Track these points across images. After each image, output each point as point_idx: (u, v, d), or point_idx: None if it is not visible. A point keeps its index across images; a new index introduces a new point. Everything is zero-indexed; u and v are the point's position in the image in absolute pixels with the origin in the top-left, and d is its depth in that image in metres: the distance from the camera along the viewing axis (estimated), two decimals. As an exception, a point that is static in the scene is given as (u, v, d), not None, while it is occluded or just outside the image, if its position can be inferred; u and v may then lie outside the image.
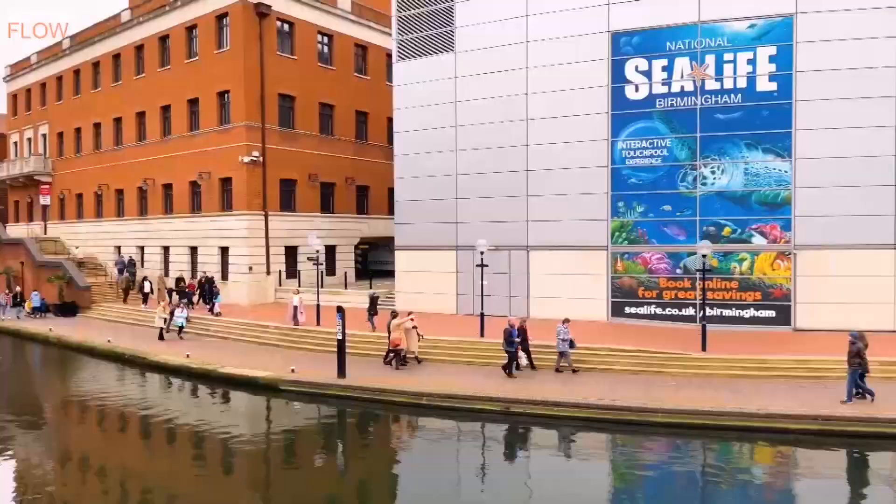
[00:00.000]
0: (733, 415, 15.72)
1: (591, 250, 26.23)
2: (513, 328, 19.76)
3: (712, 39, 24.35)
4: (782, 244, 24.04)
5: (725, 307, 24.49)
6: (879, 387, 16.88)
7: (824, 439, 14.91)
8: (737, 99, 24.22)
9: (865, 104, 23.15)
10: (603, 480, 13.92)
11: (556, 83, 26.50)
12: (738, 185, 24.45)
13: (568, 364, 20.05)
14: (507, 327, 19.77)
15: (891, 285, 23.18)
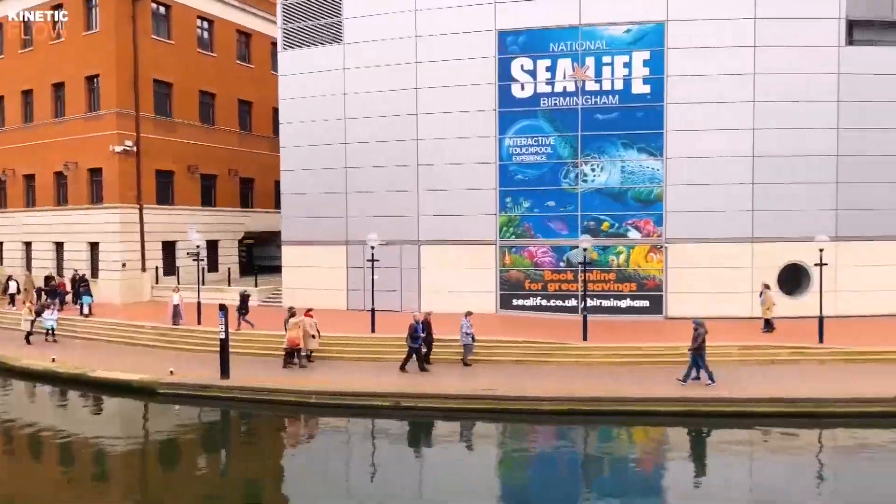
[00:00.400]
0: (612, 400, 16.59)
1: (481, 244, 26.75)
2: (418, 323, 19.68)
3: (592, 42, 25.46)
4: (655, 238, 25.61)
5: (605, 298, 25.77)
6: (742, 369, 18.43)
7: (691, 420, 16.06)
8: (614, 100, 25.50)
9: (727, 108, 25.10)
10: (490, 469, 14.25)
11: (445, 79, 26.72)
12: (615, 183, 25.76)
13: (463, 358, 20.30)
14: (412, 322, 19.67)
15: (748, 276, 25.30)
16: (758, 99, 25.07)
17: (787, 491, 12.52)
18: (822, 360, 19.83)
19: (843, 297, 24.94)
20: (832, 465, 14.20)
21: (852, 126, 25.32)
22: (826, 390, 16.57)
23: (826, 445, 15.28)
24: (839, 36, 25.18)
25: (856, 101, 25.28)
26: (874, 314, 25.09)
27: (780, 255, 25.36)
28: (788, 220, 25.12)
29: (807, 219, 24.80)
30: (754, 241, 25.33)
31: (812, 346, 20.38)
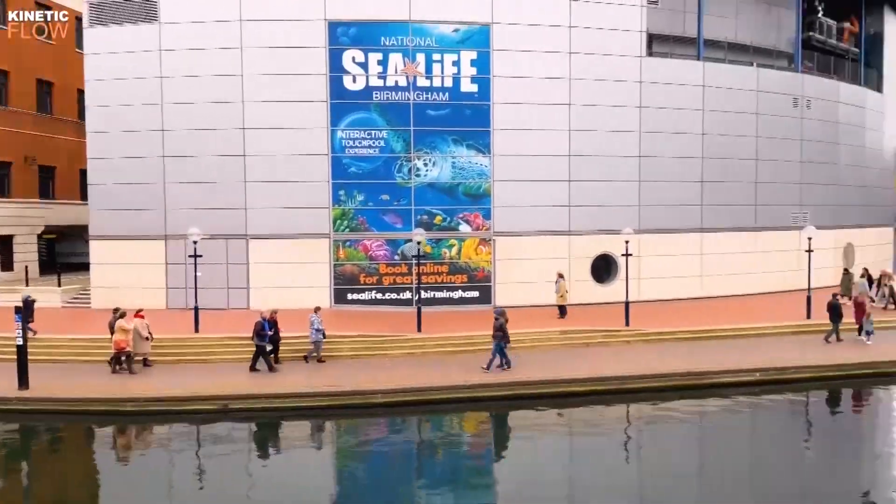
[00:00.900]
0: (443, 388, 17.10)
1: (314, 238, 26.21)
2: (264, 320, 18.87)
3: (422, 39, 25.90)
4: (484, 231, 26.73)
5: (438, 290, 26.46)
6: (562, 352, 19.82)
7: (517, 402, 17.01)
8: (445, 97, 26.18)
9: (547, 109, 26.82)
10: (324, 466, 14.06)
11: (274, 66, 25.74)
12: (447, 178, 26.49)
13: (317, 355, 19.78)
14: (259, 320, 18.81)
15: (566, 266, 27.24)
16: (573, 102, 27.05)
17: (601, 459, 13.69)
18: (629, 341, 21.92)
19: (645, 283, 27.73)
20: (637, 436, 15.75)
21: (651, 130, 28.21)
22: (630, 368, 18.32)
23: (632, 416, 16.89)
24: (641, 47, 27.90)
25: (654, 107, 28.19)
26: (671, 298, 28.21)
27: (592, 247, 27.62)
28: (600, 214, 27.42)
29: (615, 213, 27.21)
30: (571, 234, 27.33)
31: (620, 328, 22.45)
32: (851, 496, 12.00)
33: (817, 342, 21.51)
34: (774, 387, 18.02)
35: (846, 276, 27.11)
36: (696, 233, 29.28)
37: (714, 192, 29.57)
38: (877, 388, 18.59)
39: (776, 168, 31.18)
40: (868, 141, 36.38)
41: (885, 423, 17.02)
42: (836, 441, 15.26)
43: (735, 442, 15.30)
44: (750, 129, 30.31)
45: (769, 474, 13.04)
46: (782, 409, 17.34)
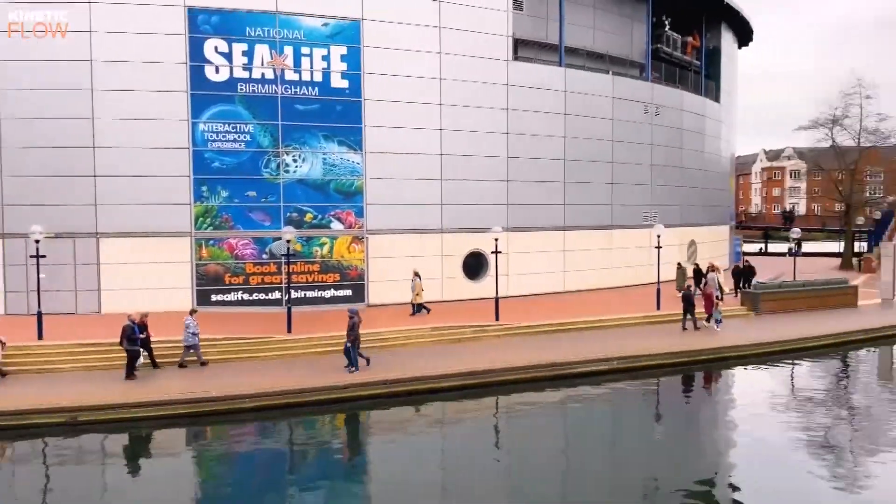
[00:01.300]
0: (314, 390, 16.77)
1: (173, 236, 24.76)
2: (134, 324, 17.52)
3: (290, 31, 25.21)
4: (356, 229, 26.50)
5: (309, 289, 25.90)
6: (434, 349, 20.06)
7: (390, 401, 17.04)
8: (314, 92, 25.64)
9: (418, 108, 27.05)
10: (179, 479, 13.32)
11: (128, 53, 23.97)
12: (318, 174, 25.99)
13: (197, 358, 18.78)
14: (128, 323, 17.47)
15: (438, 263, 27.71)
16: (444, 102, 27.49)
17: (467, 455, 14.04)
18: (499, 335, 22.62)
19: (514, 279, 28.76)
20: (502, 428, 16.32)
21: (519, 132, 29.31)
22: (499, 362, 18.92)
23: (501, 408, 17.46)
24: (508, 51, 28.87)
25: (521, 109, 29.30)
26: (538, 293, 29.48)
27: (464, 245, 28.24)
28: (471, 212, 28.08)
29: (486, 212, 27.99)
30: (444, 232, 27.77)
31: (491, 323, 23.12)
32: (688, 481, 13.11)
33: (667, 331, 23.34)
34: (629, 374, 19.34)
35: (680, 271, 29.15)
36: (560, 231, 30.80)
37: (575, 192, 31.24)
38: (718, 371, 20.48)
39: (630, 170, 33.48)
40: (708, 147, 40.02)
41: (725, 405, 18.78)
42: (682, 425, 16.64)
43: (593, 429, 16.24)
44: (607, 133, 32.32)
45: (623, 460, 14.00)
46: (636, 394, 18.64)
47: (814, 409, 16.71)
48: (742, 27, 43.34)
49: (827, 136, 44.73)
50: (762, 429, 15.11)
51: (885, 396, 18.29)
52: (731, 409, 17.78)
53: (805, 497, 11.60)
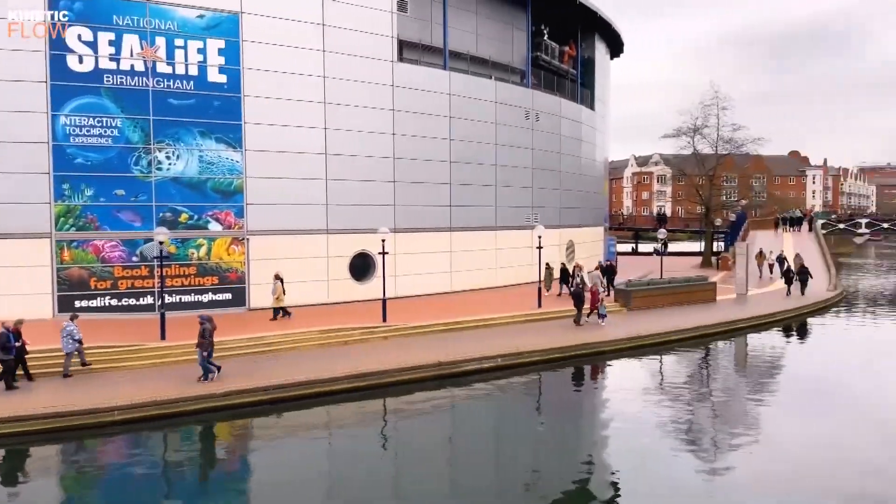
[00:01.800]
0: (189, 399, 15.93)
1: (31, 238, 22.71)
2: (8, 331, 15.96)
3: (162, 21, 23.86)
4: (236, 230, 25.49)
5: (185, 293, 24.62)
6: (324, 351, 19.64)
7: (270, 408, 16.51)
8: (189, 86, 24.42)
9: (302, 106, 26.45)
10: (52, 496, 12.24)
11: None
12: (193, 172, 24.76)
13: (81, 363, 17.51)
14: (2, 331, 15.90)
15: (324, 266, 27.22)
16: (328, 101, 27.06)
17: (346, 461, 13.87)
18: (387, 336, 22.54)
19: (401, 280, 28.79)
20: (388, 429, 16.28)
21: (405, 133, 29.39)
22: (387, 363, 18.86)
23: (388, 410, 17.39)
24: (392, 52, 28.87)
25: (406, 111, 29.39)
26: (425, 294, 29.68)
27: (351, 246, 27.92)
28: (358, 213, 27.81)
29: (372, 212, 27.84)
30: (329, 232, 27.32)
31: (379, 325, 22.99)
32: (568, 470, 13.69)
33: (548, 328, 24.24)
34: (514, 370, 19.90)
35: (548, 271, 30.12)
36: (446, 232, 31.19)
37: (461, 193, 31.77)
38: (595, 364, 21.51)
39: (512, 173, 34.51)
40: (584, 152, 42.03)
41: (600, 396, 19.76)
42: (562, 417, 17.33)
43: (479, 425, 16.57)
44: (490, 136, 33.13)
45: (507, 454, 14.39)
46: (519, 390, 19.21)
47: (680, 398, 17.93)
48: (614, 39, 45.89)
49: (689, 143, 48.35)
50: (635, 417, 16.03)
51: (741, 383, 19.95)
52: (607, 400, 18.74)
53: (672, 481, 12.40)
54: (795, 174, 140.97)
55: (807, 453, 13.64)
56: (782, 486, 11.93)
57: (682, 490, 11.86)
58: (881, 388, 19.01)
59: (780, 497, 11.53)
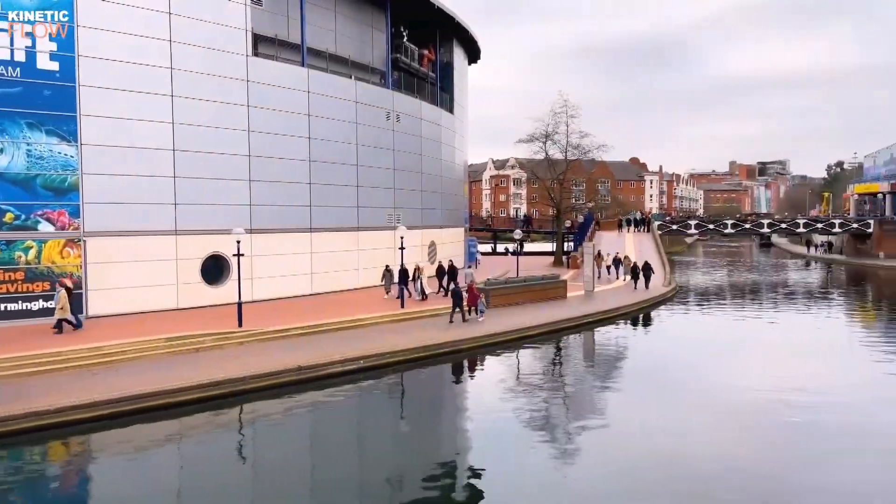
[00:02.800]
0: (17, 417, 14.36)
1: None
2: None
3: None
4: (71, 231, 23.33)
5: (11, 301, 22.17)
6: (171, 360, 18.47)
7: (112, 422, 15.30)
8: (16, 73, 22.05)
9: (147, 99, 24.72)
10: None
11: None
12: (20, 168, 22.37)
13: None
14: None
15: (173, 269, 25.62)
16: (177, 94, 25.51)
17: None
18: (243, 342, 21.61)
19: (259, 283, 27.77)
20: (247, 439, 15.65)
21: (261, 130, 28.38)
22: (244, 370, 18.07)
23: (245, 419, 16.67)
24: (247, 46, 27.77)
25: (263, 107, 28.41)
26: (285, 297, 28.83)
27: (202, 247, 26.50)
28: (210, 213, 26.46)
29: (226, 212, 26.62)
30: (178, 233, 25.76)
31: (234, 330, 21.99)
32: (430, 468, 13.91)
33: (412, 327, 24.44)
34: (377, 372, 19.84)
35: (387, 272, 30.26)
36: (307, 232, 30.51)
37: (322, 193, 31.23)
38: (457, 362, 21.98)
39: (374, 174, 34.46)
40: (444, 154, 42.87)
41: (461, 393, 20.24)
42: (425, 416, 17.55)
43: (341, 429, 16.36)
44: (351, 136, 32.86)
45: (370, 457, 14.34)
46: (382, 391, 19.19)
47: (535, 390, 18.80)
48: (471, 45, 47.21)
49: (541, 149, 50.87)
50: (494, 410, 16.59)
51: (589, 375, 21.25)
52: (468, 396, 19.23)
53: (527, 471, 12.95)
54: (636, 179, 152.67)
55: (649, 440, 14.76)
56: (629, 471, 12.84)
57: (537, 479, 12.41)
58: (714, 374, 21.05)
59: (628, 483, 12.39)
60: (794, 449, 13.98)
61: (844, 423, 15.42)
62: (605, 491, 11.93)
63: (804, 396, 17.34)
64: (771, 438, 14.56)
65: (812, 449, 13.90)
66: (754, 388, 18.41)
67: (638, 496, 11.56)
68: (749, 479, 12.23)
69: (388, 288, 30.25)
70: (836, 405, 16.82)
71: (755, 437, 14.70)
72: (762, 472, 12.54)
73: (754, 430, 15.11)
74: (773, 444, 14.21)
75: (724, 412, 16.41)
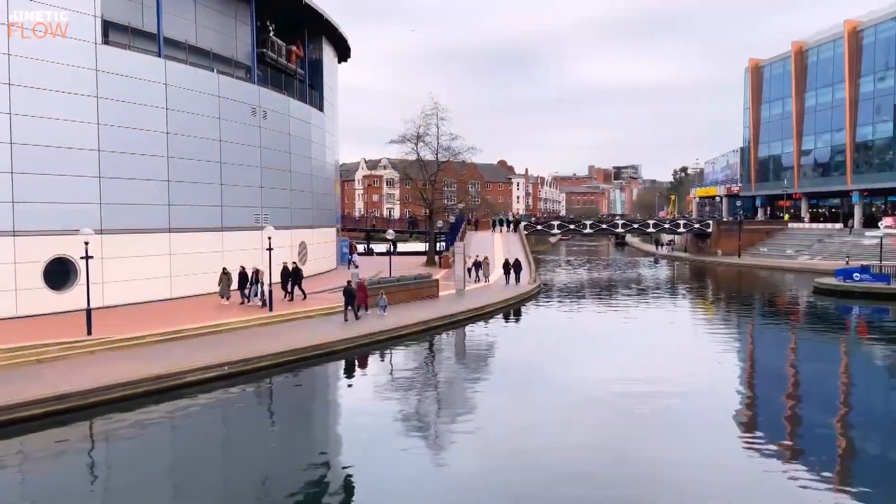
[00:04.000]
0: None
1: None
2: None
3: None
4: None
5: None
6: (8, 374, 16.70)
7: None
8: None
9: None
10: None
11: None
12: None
13: None
14: None
15: (10, 273, 23.27)
16: (14, 82, 23.22)
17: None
18: (93, 350, 19.99)
19: (111, 287, 25.85)
20: (94, 456, 14.52)
21: (113, 123, 26.42)
22: (94, 381, 16.73)
23: (96, 435, 15.44)
24: (96, 33, 25.75)
25: (115, 99, 26.46)
26: (141, 301, 27.01)
27: (45, 250, 24.27)
28: (54, 212, 24.29)
29: (73, 211, 24.54)
30: (16, 234, 23.45)
31: (82, 338, 20.30)
32: (299, 473, 13.63)
33: (281, 330, 23.75)
34: (243, 378, 19.08)
35: (225, 276, 28.13)
36: (165, 233, 28.79)
37: (182, 191, 29.61)
38: (328, 363, 21.63)
39: (240, 172, 33.17)
40: (314, 153, 42.09)
41: (333, 396, 19.96)
42: (293, 421, 17.12)
43: (204, 440, 15.59)
44: (214, 132, 31.41)
45: (237, 465, 13.78)
46: (248, 397, 18.50)
47: (408, 389, 18.90)
48: (341, 43, 46.70)
49: (413, 150, 51.35)
50: (366, 412, 16.51)
51: (457, 372, 21.68)
52: (339, 398, 19.00)
53: (399, 471, 13.01)
54: (504, 181, 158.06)
55: (518, 437, 15.31)
56: (500, 470, 13.25)
57: (409, 479, 12.49)
58: (574, 369, 22.20)
59: (500, 476, 12.78)
60: (639, 439, 15.05)
61: (687, 409, 16.90)
62: (475, 488, 12.20)
63: (653, 387, 18.69)
64: (622, 430, 15.58)
65: (656, 437, 15.06)
66: (612, 379, 19.62)
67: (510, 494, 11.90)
68: (607, 470, 13.06)
69: (226, 294, 27.99)
70: (678, 394, 18.32)
71: (612, 428, 15.65)
72: (623, 461, 13.42)
73: (610, 422, 16.06)
74: (625, 435, 15.23)
75: (584, 406, 17.33)
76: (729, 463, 13.15)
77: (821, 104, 69.58)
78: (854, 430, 15.64)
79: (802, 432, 15.48)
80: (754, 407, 17.65)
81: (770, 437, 14.58)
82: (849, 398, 18.75)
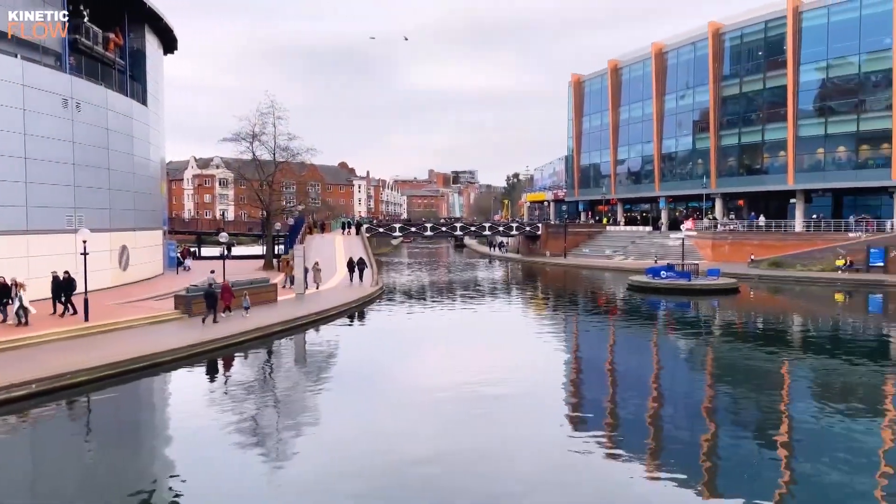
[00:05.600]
0: None
1: None
2: None
3: None
4: None
5: None
6: None
7: None
8: None
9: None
10: None
11: None
12: None
13: None
14: None
15: None
16: None
17: None
18: None
19: None
20: None
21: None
22: None
23: None
24: None
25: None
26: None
27: None
28: None
29: None
30: None
31: None
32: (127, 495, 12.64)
33: (99, 342, 21.76)
34: (55, 396, 17.24)
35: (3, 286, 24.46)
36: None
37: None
38: (154, 376, 20.14)
39: (49, 169, 29.99)
40: (137, 150, 39.04)
41: (161, 410, 18.64)
42: (117, 441, 15.77)
43: (8, 469, 13.91)
44: (17, 125, 28.15)
45: (55, 494, 12.46)
46: (62, 418, 16.75)
47: (246, 397, 18.08)
48: (166, 34, 43.78)
49: (248, 149, 49.36)
50: (198, 425, 15.58)
51: (299, 378, 21.19)
52: (168, 413, 17.78)
53: (238, 485, 12.47)
54: (345, 183, 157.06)
55: (365, 440, 15.28)
56: (344, 476, 13.14)
57: (246, 493, 12.01)
58: (417, 370, 22.58)
59: (347, 485, 12.66)
60: (481, 438, 15.71)
61: (521, 405, 17.90)
62: (322, 493, 12.02)
63: (489, 387, 19.41)
64: (464, 430, 16.15)
65: (498, 436, 15.80)
66: (452, 381, 20.19)
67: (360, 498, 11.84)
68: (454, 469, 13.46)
69: None
70: (512, 393, 19.35)
71: (456, 430, 16.13)
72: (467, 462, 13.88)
73: (454, 422, 16.53)
74: (465, 435, 15.80)
75: (427, 408, 17.70)
76: (551, 448, 14.12)
77: (633, 118, 76.75)
78: (665, 411, 17.46)
79: (621, 415, 17.01)
80: (579, 396, 19.10)
81: (593, 423, 15.86)
82: (660, 384, 20.89)
